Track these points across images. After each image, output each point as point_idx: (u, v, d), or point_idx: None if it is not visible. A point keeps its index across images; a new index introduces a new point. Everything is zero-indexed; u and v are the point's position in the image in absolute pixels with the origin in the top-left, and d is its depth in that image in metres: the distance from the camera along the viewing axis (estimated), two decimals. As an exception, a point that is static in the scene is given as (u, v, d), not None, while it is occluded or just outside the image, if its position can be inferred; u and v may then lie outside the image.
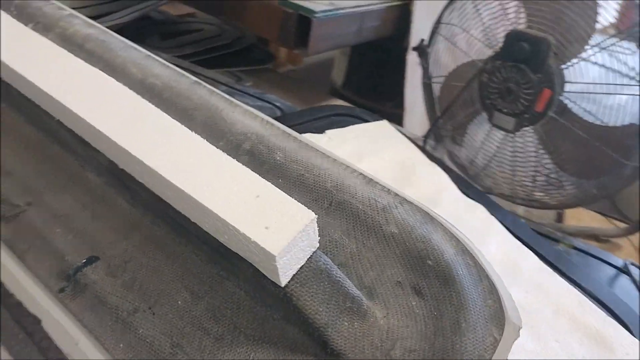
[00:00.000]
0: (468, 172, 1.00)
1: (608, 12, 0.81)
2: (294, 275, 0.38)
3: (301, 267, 0.38)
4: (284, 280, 0.37)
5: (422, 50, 1.03)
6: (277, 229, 0.35)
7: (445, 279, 0.41)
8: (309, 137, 0.78)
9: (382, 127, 0.87)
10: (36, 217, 0.51)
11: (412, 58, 1.29)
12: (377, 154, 0.76)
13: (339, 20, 1.08)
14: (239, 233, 0.36)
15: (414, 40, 1.26)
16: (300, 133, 0.75)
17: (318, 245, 0.39)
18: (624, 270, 0.77)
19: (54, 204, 0.52)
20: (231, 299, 0.43)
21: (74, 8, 1.36)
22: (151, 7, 1.47)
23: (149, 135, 0.45)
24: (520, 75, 0.87)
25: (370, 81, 1.72)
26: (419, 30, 1.23)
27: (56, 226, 0.50)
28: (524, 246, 0.67)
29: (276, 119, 0.94)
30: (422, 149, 0.84)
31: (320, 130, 0.80)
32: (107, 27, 1.41)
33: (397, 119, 1.37)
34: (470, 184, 0.81)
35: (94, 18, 1.35)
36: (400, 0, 1.25)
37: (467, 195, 0.74)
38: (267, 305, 0.41)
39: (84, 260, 0.47)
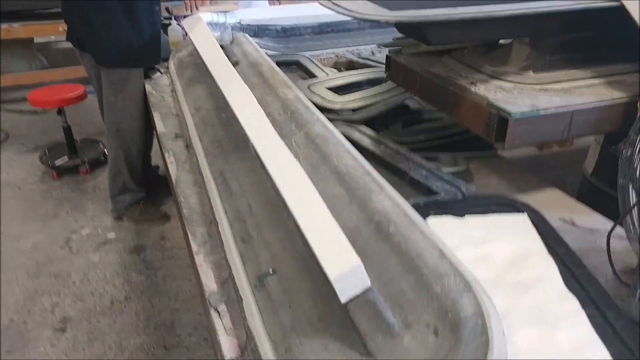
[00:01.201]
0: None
1: None
2: (351, 298, 0.65)
3: (357, 295, 0.65)
4: (343, 299, 0.64)
5: (620, 152, 1.08)
6: (338, 266, 0.64)
7: (454, 328, 0.61)
8: (449, 219, 1.00)
9: (518, 220, 0.99)
10: (256, 242, 0.91)
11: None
12: (500, 239, 0.90)
13: (539, 120, 1.23)
14: (322, 266, 0.65)
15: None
16: (460, 215, 0.98)
17: (369, 284, 0.65)
18: None
19: (267, 236, 0.92)
20: (333, 311, 0.72)
21: (349, 101, 1.86)
22: (403, 99, 1.88)
23: (306, 206, 0.80)
24: None
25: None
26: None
27: (264, 249, 0.89)
28: (602, 345, 0.69)
29: (450, 201, 1.16)
30: (554, 245, 0.91)
31: (462, 214, 0.99)
32: (374, 113, 1.85)
33: None
34: (593, 283, 0.84)
35: (361, 108, 1.82)
36: (627, 98, 1.29)
37: (586, 290, 0.80)
38: (347, 317, 0.69)
39: (269, 271, 0.83)
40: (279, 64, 2.09)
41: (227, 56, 1.72)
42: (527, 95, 1.29)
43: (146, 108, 2.34)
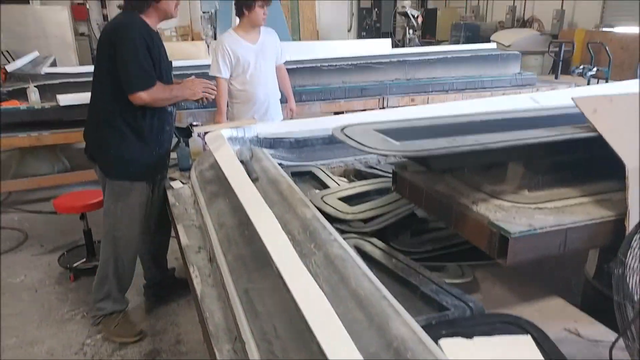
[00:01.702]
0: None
1: None
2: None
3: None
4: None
5: (612, 271, 1.18)
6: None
7: None
8: (459, 341, 1.09)
9: (522, 342, 1.07)
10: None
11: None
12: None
13: (537, 238, 1.35)
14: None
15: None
16: (469, 334, 1.07)
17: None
18: None
19: (294, 358, 1.00)
20: None
21: (360, 212, 1.98)
22: (411, 209, 2.01)
23: (330, 334, 0.90)
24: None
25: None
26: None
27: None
28: None
29: (459, 319, 1.25)
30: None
31: (471, 336, 1.08)
32: (384, 224, 1.95)
33: None
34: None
35: (372, 219, 1.94)
36: (614, 216, 1.42)
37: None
38: None
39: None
40: (294, 174, 2.27)
41: (248, 173, 1.88)
42: (524, 215, 1.42)
43: (163, 213, 2.50)
